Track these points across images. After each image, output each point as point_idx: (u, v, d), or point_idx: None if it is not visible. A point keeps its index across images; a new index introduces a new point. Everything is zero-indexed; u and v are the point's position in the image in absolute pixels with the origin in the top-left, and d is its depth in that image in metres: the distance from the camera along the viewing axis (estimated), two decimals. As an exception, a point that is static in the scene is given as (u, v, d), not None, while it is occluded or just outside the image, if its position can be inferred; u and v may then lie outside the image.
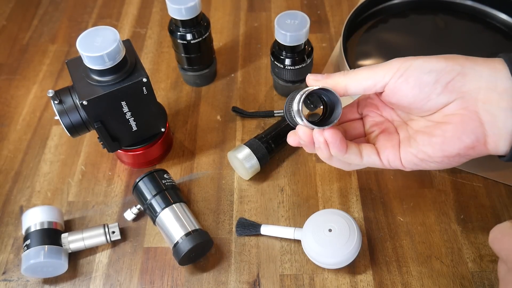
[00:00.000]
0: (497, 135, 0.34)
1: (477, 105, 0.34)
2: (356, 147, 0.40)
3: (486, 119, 0.34)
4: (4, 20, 0.79)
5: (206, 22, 0.60)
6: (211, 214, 0.54)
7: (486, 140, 0.35)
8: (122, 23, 0.77)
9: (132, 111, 0.50)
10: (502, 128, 0.34)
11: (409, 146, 0.39)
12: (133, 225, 0.54)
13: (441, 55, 0.36)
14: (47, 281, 0.50)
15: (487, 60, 0.35)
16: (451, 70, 0.34)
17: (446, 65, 0.34)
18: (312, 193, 0.55)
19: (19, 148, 0.62)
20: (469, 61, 0.34)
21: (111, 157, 0.60)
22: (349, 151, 0.39)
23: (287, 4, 0.78)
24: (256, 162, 0.54)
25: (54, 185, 0.58)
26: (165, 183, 0.52)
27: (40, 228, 0.49)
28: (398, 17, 0.72)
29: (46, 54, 0.73)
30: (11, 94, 0.68)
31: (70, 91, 0.49)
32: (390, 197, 0.54)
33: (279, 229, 0.51)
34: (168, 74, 0.69)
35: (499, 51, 0.66)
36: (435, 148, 0.36)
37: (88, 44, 0.45)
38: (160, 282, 0.49)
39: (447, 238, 0.51)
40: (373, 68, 0.37)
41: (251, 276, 0.49)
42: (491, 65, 0.34)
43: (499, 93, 0.33)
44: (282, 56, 0.58)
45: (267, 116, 0.62)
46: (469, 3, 0.72)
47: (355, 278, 0.49)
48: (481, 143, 0.35)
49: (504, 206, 0.53)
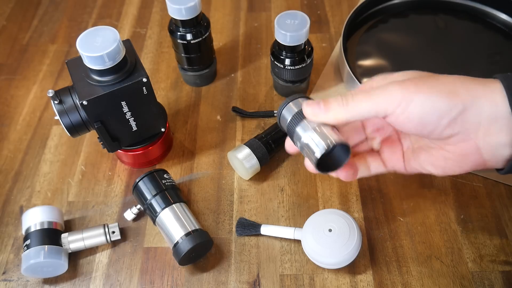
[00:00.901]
0: (495, 161, 0.37)
1: (478, 137, 0.36)
2: (365, 165, 0.42)
3: (486, 150, 0.36)
4: (4, 20, 0.79)
5: (206, 22, 0.60)
6: (211, 214, 0.54)
7: (485, 164, 0.37)
8: (122, 23, 0.77)
9: (132, 111, 0.50)
10: (500, 156, 0.36)
11: (413, 160, 0.41)
12: (133, 225, 0.54)
13: (443, 87, 0.35)
14: (47, 281, 0.50)
15: (486, 88, 0.35)
16: (454, 108, 0.35)
17: (448, 104, 0.35)
18: (312, 193, 0.55)
19: (19, 148, 0.62)
20: (470, 96, 0.35)
21: (111, 157, 0.60)
22: (359, 174, 0.42)
23: (287, 4, 0.78)
24: (256, 162, 0.54)
25: (54, 185, 0.58)
26: (165, 183, 0.52)
27: (40, 228, 0.49)
28: (398, 17, 0.72)
29: (46, 54, 0.73)
30: (11, 94, 0.68)
31: (70, 91, 0.49)
32: (390, 197, 0.54)
33: (279, 229, 0.51)
34: (168, 74, 0.69)
35: (499, 51, 0.66)
36: (438, 170, 0.39)
37: (88, 44, 0.45)
38: (160, 282, 0.49)
39: (447, 238, 0.51)
40: (373, 98, 0.37)
41: (251, 276, 0.49)
42: (490, 98, 0.35)
43: (500, 126, 0.35)
44: (282, 56, 0.58)
45: (267, 116, 0.62)
46: (469, 3, 0.72)
47: (355, 278, 0.49)
48: (480, 166, 0.38)
49: (504, 206, 0.53)
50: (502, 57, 0.66)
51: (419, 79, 0.36)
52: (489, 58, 0.66)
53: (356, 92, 0.37)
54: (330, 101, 0.38)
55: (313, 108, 0.38)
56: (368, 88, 0.37)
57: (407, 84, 0.36)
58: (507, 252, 0.50)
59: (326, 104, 0.38)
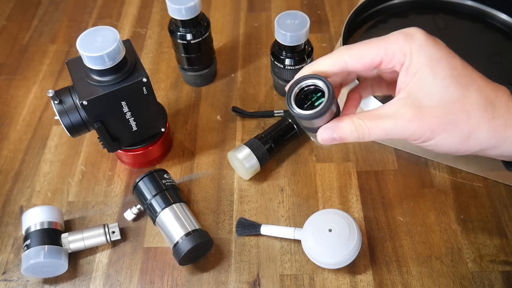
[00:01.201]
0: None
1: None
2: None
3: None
4: (4, 20, 0.79)
5: (206, 22, 0.60)
6: (211, 214, 0.54)
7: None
8: (122, 23, 0.77)
9: (132, 111, 0.50)
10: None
11: None
12: (133, 225, 0.54)
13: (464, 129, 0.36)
14: (47, 281, 0.50)
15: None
16: (473, 148, 0.37)
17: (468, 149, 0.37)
18: (312, 193, 0.55)
19: (19, 148, 0.62)
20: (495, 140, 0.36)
21: (111, 157, 0.60)
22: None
23: (287, 4, 0.78)
24: (256, 162, 0.54)
25: (54, 185, 0.58)
26: (165, 183, 0.52)
27: (40, 228, 0.49)
28: (398, 17, 0.72)
29: (46, 54, 0.73)
30: (11, 94, 0.68)
31: (70, 91, 0.49)
32: (390, 197, 0.54)
33: (279, 229, 0.51)
34: (168, 74, 0.69)
35: (499, 51, 0.66)
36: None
37: (88, 44, 0.45)
38: (160, 282, 0.49)
39: (447, 238, 0.51)
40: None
41: (251, 276, 0.49)
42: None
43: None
44: (282, 56, 0.58)
45: (267, 116, 0.62)
46: (469, 3, 0.72)
47: (355, 278, 0.49)
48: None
49: (504, 206, 0.53)
50: (502, 57, 0.66)
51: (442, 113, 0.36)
52: (489, 58, 0.66)
53: (370, 117, 0.37)
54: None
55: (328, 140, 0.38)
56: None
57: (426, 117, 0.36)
58: (507, 252, 0.50)
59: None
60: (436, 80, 0.35)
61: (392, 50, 0.36)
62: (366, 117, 0.37)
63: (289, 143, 0.59)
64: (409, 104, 0.36)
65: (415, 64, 0.35)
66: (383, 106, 0.37)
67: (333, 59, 0.38)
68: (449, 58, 0.36)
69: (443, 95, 0.35)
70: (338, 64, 0.38)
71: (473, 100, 0.35)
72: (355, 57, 0.37)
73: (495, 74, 0.37)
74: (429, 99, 0.35)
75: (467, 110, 0.35)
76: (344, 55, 0.38)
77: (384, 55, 0.37)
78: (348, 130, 0.37)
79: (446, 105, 0.35)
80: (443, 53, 0.36)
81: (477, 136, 0.36)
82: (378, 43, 0.37)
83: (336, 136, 0.37)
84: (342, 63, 0.38)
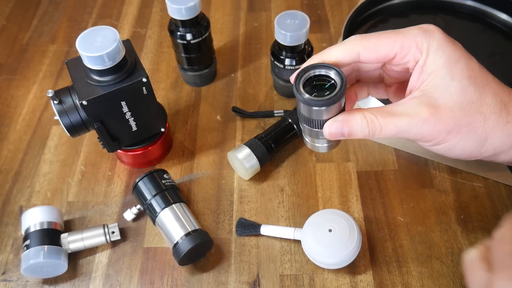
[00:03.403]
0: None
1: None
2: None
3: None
4: (4, 20, 0.79)
5: (206, 22, 0.60)
6: (211, 214, 0.54)
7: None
8: (122, 23, 0.77)
9: (132, 111, 0.50)
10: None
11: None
12: (133, 225, 0.54)
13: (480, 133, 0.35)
14: (47, 281, 0.50)
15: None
16: (485, 153, 0.37)
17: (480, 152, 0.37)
18: (312, 193, 0.55)
19: (19, 148, 0.62)
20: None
21: (111, 157, 0.60)
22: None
23: (287, 4, 0.78)
24: (256, 162, 0.54)
25: (54, 185, 0.58)
26: (165, 183, 0.52)
27: (40, 228, 0.49)
28: (398, 17, 0.72)
29: (46, 54, 0.73)
30: (11, 94, 0.68)
31: (70, 91, 0.49)
32: (390, 197, 0.54)
33: (279, 229, 0.51)
34: (168, 74, 0.69)
35: (499, 51, 0.66)
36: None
37: (88, 44, 0.45)
38: (160, 282, 0.49)
39: (447, 238, 0.51)
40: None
41: (251, 276, 0.49)
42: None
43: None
44: (282, 56, 0.58)
45: (267, 116, 0.62)
46: (469, 3, 0.72)
47: (355, 278, 0.49)
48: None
49: (504, 206, 0.53)
50: (502, 57, 0.66)
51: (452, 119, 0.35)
52: (489, 58, 0.66)
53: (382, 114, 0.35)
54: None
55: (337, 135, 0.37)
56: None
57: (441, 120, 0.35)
58: (507, 252, 0.49)
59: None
60: (454, 81, 0.34)
61: (409, 46, 0.35)
62: (378, 113, 0.35)
63: (289, 143, 0.59)
64: (424, 103, 0.34)
65: (432, 63, 0.34)
66: (396, 104, 0.35)
67: (346, 49, 0.36)
68: (467, 59, 0.35)
69: (461, 96, 0.34)
70: (351, 55, 0.36)
71: (489, 103, 0.34)
72: (370, 49, 0.35)
73: (495, 74, 0.37)
74: (446, 99, 0.34)
75: (484, 113, 0.34)
76: (358, 45, 0.35)
77: (400, 49, 0.35)
78: (359, 125, 0.35)
79: (464, 107, 0.34)
80: (461, 54, 0.35)
81: (492, 140, 0.35)
82: (394, 37, 0.35)
83: (345, 130, 0.35)
84: (355, 54, 0.36)
